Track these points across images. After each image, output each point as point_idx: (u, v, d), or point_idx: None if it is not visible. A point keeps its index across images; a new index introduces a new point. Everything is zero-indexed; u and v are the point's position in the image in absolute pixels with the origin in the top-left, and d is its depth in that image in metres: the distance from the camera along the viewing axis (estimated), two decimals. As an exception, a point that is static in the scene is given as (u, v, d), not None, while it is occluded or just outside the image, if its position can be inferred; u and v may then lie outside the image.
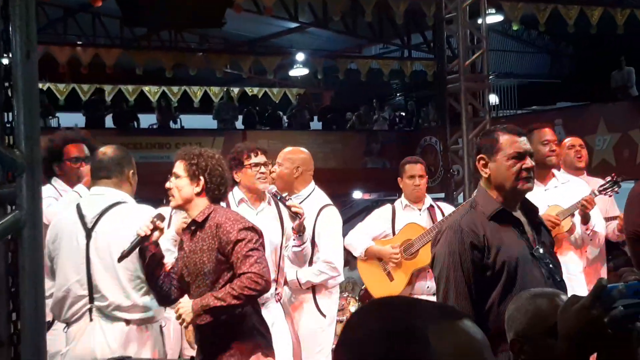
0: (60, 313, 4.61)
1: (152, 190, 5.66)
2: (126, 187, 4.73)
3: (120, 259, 4.34)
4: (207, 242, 4.31)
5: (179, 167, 4.40)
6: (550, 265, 3.63)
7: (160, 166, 19.04)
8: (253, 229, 4.35)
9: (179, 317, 4.30)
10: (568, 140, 6.79)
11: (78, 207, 4.64)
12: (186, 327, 4.37)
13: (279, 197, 5.44)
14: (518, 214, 3.68)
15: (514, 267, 3.49)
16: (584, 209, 5.64)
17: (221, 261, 4.29)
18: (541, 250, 3.63)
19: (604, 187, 5.81)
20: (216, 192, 4.42)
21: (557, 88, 23.74)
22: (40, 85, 23.74)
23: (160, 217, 4.39)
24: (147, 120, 21.83)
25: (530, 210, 3.77)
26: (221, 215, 4.36)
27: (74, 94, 21.78)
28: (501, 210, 3.59)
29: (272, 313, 5.12)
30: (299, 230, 5.37)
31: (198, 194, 4.39)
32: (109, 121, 20.54)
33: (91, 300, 4.53)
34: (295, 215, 5.30)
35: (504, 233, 3.56)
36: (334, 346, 4.80)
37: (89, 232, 4.56)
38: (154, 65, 19.88)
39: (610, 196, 5.81)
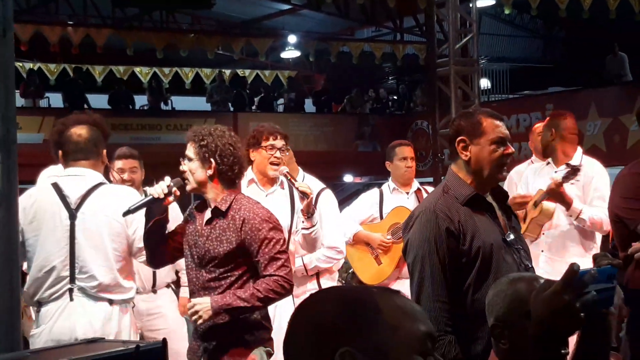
0: (35, 294, 4.57)
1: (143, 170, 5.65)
2: (100, 167, 4.73)
3: (126, 214, 4.29)
4: (229, 234, 4.18)
5: (190, 150, 4.28)
6: (522, 251, 3.59)
7: (151, 147, 19.09)
8: (279, 228, 4.25)
9: (194, 313, 4.15)
10: (539, 126, 6.73)
11: (57, 187, 4.60)
12: (200, 324, 4.26)
13: (288, 178, 5.35)
14: (489, 198, 3.63)
15: (489, 253, 3.43)
16: (550, 194, 5.69)
17: (240, 255, 4.19)
18: (512, 236, 3.57)
19: (564, 176, 5.83)
20: (229, 173, 4.28)
21: (549, 73, 23.76)
22: (30, 65, 23.78)
23: (177, 183, 4.31)
24: (138, 101, 21.79)
25: (500, 194, 3.72)
26: (247, 208, 4.22)
27: (65, 74, 21.74)
28: (475, 195, 3.52)
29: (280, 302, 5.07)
30: (308, 211, 5.26)
31: (211, 177, 4.28)
32: (93, 101, 20.41)
33: (72, 280, 4.52)
34: (303, 195, 5.20)
35: (477, 218, 3.49)
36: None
37: (72, 213, 4.54)
38: (145, 46, 19.81)
39: (572, 184, 5.81)
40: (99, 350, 3.33)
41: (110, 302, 4.56)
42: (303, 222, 5.34)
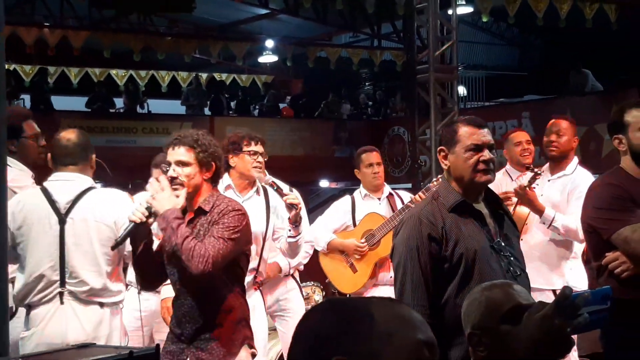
0: (25, 298, 4.58)
1: (118, 174, 5.62)
2: (89, 172, 4.75)
3: (114, 247, 4.33)
4: (205, 228, 4.22)
5: (186, 155, 4.25)
6: (511, 258, 3.61)
7: (127, 150, 19.03)
8: (244, 218, 4.25)
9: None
10: (514, 136, 6.74)
11: (46, 192, 4.60)
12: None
13: (275, 188, 5.43)
14: (480, 205, 3.66)
15: (472, 260, 3.47)
16: (518, 198, 5.77)
17: None
18: (502, 243, 3.61)
19: (529, 180, 5.89)
20: (221, 175, 4.46)
21: (525, 81, 23.87)
22: (6, 66, 23.57)
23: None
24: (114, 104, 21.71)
25: (494, 201, 3.76)
26: (225, 203, 4.28)
27: (42, 75, 21.60)
28: (461, 201, 3.58)
29: (251, 300, 5.11)
30: (295, 221, 5.36)
31: (207, 180, 4.33)
32: (61, 103, 20.28)
33: (62, 284, 4.54)
34: (291, 207, 5.29)
35: (463, 225, 3.54)
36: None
37: (62, 218, 4.56)
38: (122, 48, 19.71)
39: (532, 189, 5.85)
40: (90, 356, 3.32)
41: (101, 305, 4.60)
42: (290, 230, 5.42)
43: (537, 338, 2.01)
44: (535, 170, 5.92)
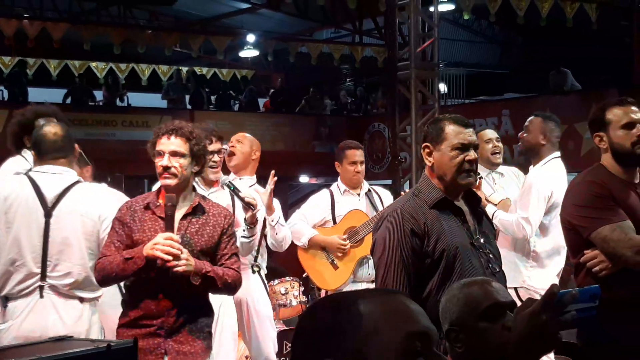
0: (3, 288, 4.56)
1: (98, 166, 5.59)
2: (73, 164, 4.75)
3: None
4: (209, 229, 4.28)
5: (182, 146, 4.23)
6: (490, 255, 3.65)
7: (106, 143, 18.95)
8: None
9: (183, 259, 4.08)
10: (483, 134, 6.70)
11: (34, 184, 4.60)
12: (182, 272, 4.10)
13: (232, 188, 5.36)
14: (460, 202, 3.68)
15: (453, 256, 3.49)
16: None
17: (215, 249, 4.30)
18: (482, 240, 3.64)
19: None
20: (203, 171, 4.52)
21: (506, 79, 23.95)
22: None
23: (172, 200, 4.23)
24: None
25: (473, 199, 3.78)
26: (216, 205, 4.43)
27: (21, 66, 21.48)
28: (443, 198, 3.59)
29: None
30: (252, 222, 5.32)
31: (194, 174, 4.36)
32: (40, 95, 20.13)
33: (43, 278, 4.53)
34: (248, 207, 5.24)
35: (444, 221, 3.55)
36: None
37: (48, 211, 4.55)
38: (102, 41, 19.62)
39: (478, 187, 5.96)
40: (67, 349, 3.32)
41: (81, 300, 4.59)
42: (244, 230, 5.38)
43: (525, 334, 2.02)
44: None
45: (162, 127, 4.32)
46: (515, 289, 5.75)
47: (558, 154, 6.00)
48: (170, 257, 4.02)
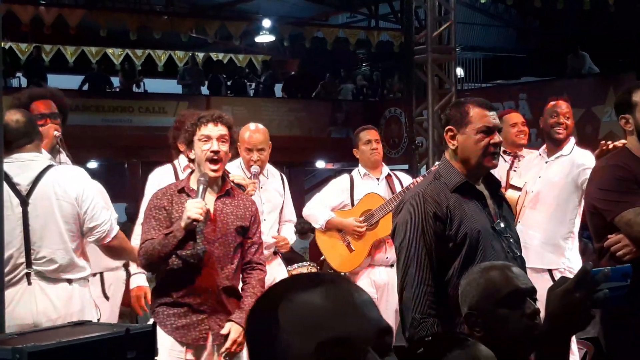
0: None
1: (114, 153, 5.60)
2: (40, 148, 4.72)
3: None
4: (242, 211, 4.49)
5: (226, 133, 4.43)
6: (511, 240, 3.64)
7: (123, 130, 18.98)
8: None
9: (233, 343, 4.36)
10: (509, 117, 6.69)
11: (6, 175, 4.56)
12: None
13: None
14: (481, 187, 3.68)
15: (476, 240, 3.48)
16: None
17: (245, 232, 4.50)
18: (502, 224, 3.63)
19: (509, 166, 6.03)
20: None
21: (522, 62, 23.82)
22: (2, 44, 23.53)
23: (206, 179, 4.39)
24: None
25: (493, 183, 3.77)
26: (237, 189, 4.69)
27: (38, 53, 21.50)
28: (464, 182, 3.58)
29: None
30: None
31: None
32: (57, 82, 20.14)
33: (29, 265, 4.53)
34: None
35: (466, 205, 3.54)
36: None
37: (24, 200, 4.54)
38: (118, 27, 19.63)
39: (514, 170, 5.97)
40: (86, 334, 3.32)
41: (69, 281, 4.61)
42: None
43: (558, 311, 2.04)
44: (514, 153, 6.05)
45: (205, 115, 4.46)
46: (550, 270, 5.73)
47: (574, 139, 6.03)
48: (201, 217, 4.22)
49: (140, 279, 5.55)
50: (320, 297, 1.40)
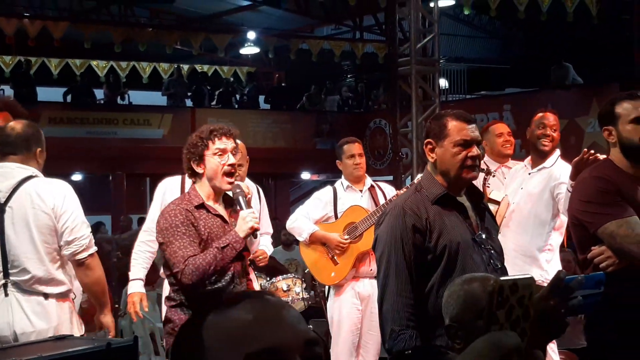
0: None
1: (99, 165, 5.60)
2: (33, 164, 4.67)
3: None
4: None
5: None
6: (492, 251, 3.65)
7: (107, 142, 18.93)
8: None
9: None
10: (495, 127, 6.73)
11: None
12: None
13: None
14: (462, 198, 3.69)
15: (455, 252, 3.49)
16: None
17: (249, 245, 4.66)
18: (483, 236, 3.64)
19: (482, 180, 6.03)
20: None
21: (507, 74, 23.91)
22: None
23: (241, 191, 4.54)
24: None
25: (476, 195, 3.78)
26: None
27: (20, 66, 21.45)
28: (445, 194, 3.59)
29: None
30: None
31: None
32: (41, 94, 20.09)
33: (6, 275, 4.49)
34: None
35: (446, 217, 3.56)
36: None
37: (1, 207, 4.51)
38: (103, 39, 19.60)
39: (485, 188, 5.98)
40: (68, 348, 3.31)
41: (45, 295, 4.53)
42: None
43: (534, 318, 2.04)
44: (487, 168, 6.04)
45: (218, 129, 4.44)
46: None
47: (559, 151, 6.04)
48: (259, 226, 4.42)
49: (137, 285, 5.53)
50: (246, 311, 1.39)
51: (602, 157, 4.40)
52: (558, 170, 5.85)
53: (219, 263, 4.22)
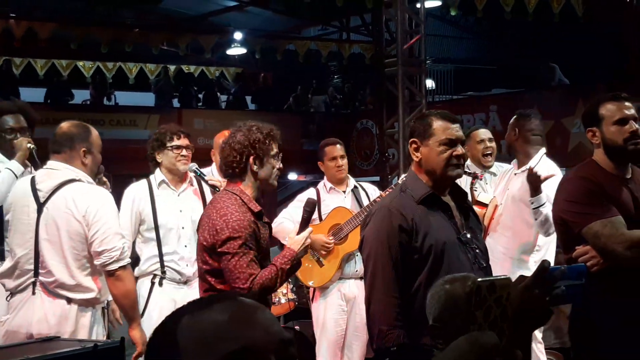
0: (8, 282, 4.61)
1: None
2: (77, 163, 4.68)
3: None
4: None
5: None
6: (477, 250, 3.68)
7: (94, 143, 18.83)
8: None
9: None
10: (476, 134, 6.73)
11: (32, 179, 4.62)
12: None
13: (198, 174, 5.60)
14: (447, 198, 3.73)
15: (441, 251, 3.52)
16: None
17: None
18: (468, 235, 3.67)
19: (470, 185, 6.06)
20: None
21: (493, 74, 23.95)
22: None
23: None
24: (80, 95, 21.50)
25: (460, 194, 3.80)
26: None
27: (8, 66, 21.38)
28: (430, 194, 3.63)
29: (196, 292, 5.14)
30: None
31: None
32: (27, 95, 20.01)
33: (36, 274, 4.53)
34: (213, 189, 5.45)
35: (432, 217, 3.59)
36: None
37: (40, 207, 4.55)
38: (89, 40, 19.54)
39: (474, 190, 6.04)
40: (55, 349, 3.31)
41: (69, 300, 4.54)
42: None
43: (518, 307, 2.10)
44: (473, 172, 6.07)
45: (275, 130, 4.41)
46: None
47: (544, 149, 6.02)
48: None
49: None
50: (220, 312, 1.41)
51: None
52: (540, 170, 5.87)
53: (281, 281, 4.12)
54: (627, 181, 4.10)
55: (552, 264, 2.11)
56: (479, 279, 2.21)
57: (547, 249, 5.94)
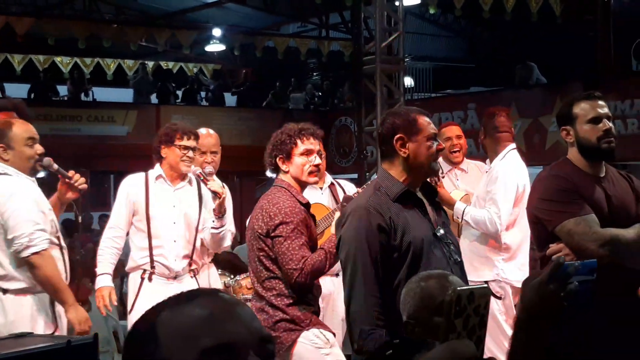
0: None
1: (63, 162, 5.55)
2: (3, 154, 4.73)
3: None
4: None
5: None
6: (451, 246, 3.72)
7: (71, 139, 18.77)
8: None
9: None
10: (445, 131, 6.77)
11: None
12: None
13: (201, 178, 5.54)
14: (419, 194, 3.75)
15: (420, 248, 3.54)
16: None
17: None
18: (442, 231, 3.70)
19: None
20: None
21: (472, 72, 24.04)
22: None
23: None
24: (58, 91, 21.41)
25: (430, 190, 3.85)
26: None
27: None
28: (406, 191, 3.64)
29: (186, 287, 5.14)
30: (220, 211, 5.46)
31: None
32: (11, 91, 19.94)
33: None
34: (215, 195, 5.41)
35: (408, 214, 3.60)
36: None
37: None
38: (67, 35, 19.43)
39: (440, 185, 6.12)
40: (28, 345, 3.30)
41: (4, 291, 4.58)
42: (213, 221, 5.52)
43: (534, 302, 2.16)
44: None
45: (305, 128, 4.74)
46: (486, 282, 5.79)
47: (514, 145, 6.08)
48: None
49: (106, 279, 5.56)
50: (199, 308, 1.40)
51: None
52: (497, 168, 5.93)
53: (330, 264, 4.40)
54: (601, 180, 4.13)
55: (527, 263, 2.15)
56: (459, 288, 2.23)
57: (520, 247, 5.98)
